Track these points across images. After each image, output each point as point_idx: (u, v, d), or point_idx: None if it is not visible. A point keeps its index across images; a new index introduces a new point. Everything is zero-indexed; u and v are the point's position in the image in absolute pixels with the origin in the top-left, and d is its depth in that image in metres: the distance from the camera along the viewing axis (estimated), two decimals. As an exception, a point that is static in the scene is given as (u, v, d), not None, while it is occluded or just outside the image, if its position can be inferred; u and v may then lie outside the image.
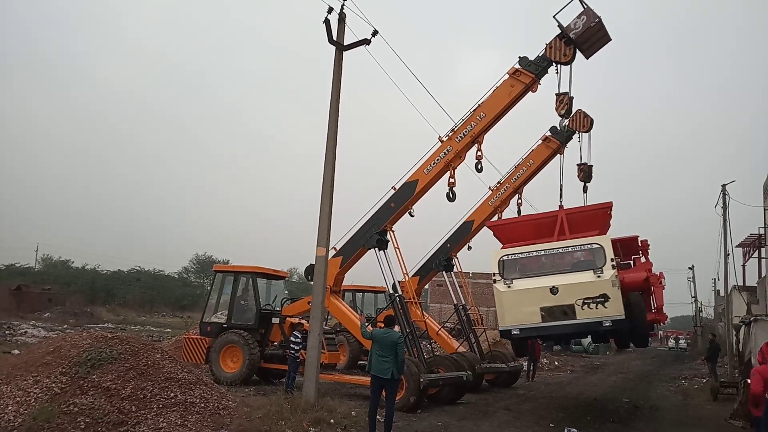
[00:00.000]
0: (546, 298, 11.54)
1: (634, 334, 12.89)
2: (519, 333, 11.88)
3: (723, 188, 25.80)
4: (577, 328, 11.63)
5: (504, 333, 12.20)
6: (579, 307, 11.29)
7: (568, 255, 12.01)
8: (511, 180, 19.06)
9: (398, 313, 14.45)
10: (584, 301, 11.25)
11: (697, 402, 17.83)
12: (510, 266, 12.12)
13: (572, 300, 11.34)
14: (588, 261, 11.68)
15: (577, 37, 13.35)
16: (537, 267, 12.16)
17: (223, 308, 17.42)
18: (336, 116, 12.65)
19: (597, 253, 11.58)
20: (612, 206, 13.09)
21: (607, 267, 11.32)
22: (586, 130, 17.19)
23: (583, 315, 11.27)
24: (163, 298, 64.34)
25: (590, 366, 32.47)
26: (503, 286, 11.93)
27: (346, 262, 15.14)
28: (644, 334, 13.34)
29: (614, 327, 11.29)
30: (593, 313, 11.22)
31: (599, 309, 11.18)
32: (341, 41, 12.55)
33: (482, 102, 14.31)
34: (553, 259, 12.14)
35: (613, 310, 11.17)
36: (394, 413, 10.03)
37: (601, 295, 11.20)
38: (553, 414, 13.83)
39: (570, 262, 12.01)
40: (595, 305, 11.20)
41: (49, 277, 60.55)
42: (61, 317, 39.33)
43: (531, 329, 11.80)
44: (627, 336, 12.98)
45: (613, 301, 11.16)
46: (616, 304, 11.18)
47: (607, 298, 11.15)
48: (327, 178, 12.54)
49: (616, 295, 11.21)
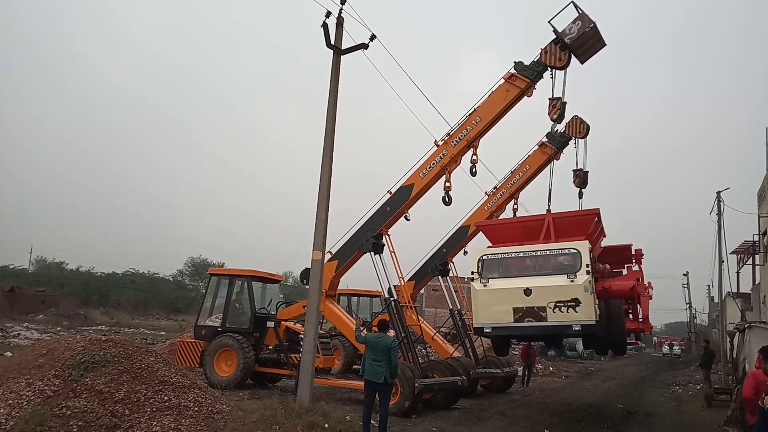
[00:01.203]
0: (519, 298, 11.67)
1: (612, 341, 12.98)
2: (491, 331, 12.11)
3: (718, 195, 25.93)
4: (546, 330, 11.72)
5: (477, 330, 12.42)
6: (551, 309, 11.41)
7: (545, 258, 12.11)
8: (507, 185, 19.10)
9: (393, 317, 14.43)
10: (556, 304, 11.36)
11: (691, 408, 17.87)
12: (489, 266, 12.27)
13: (544, 302, 11.46)
14: (564, 266, 11.79)
15: (572, 42, 13.42)
16: (515, 268, 12.29)
17: (218, 311, 17.35)
18: (333, 120, 12.66)
19: (574, 257, 11.69)
20: (599, 213, 13.16)
21: (581, 272, 11.40)
22: (582, 136, 17.27)
23: (553, 318, 11.39)
24: (158, 301, 64.08)
25: (585, 372, 32.51)
26: (479, 285, 12.13)
27: (341, 266, 15.12)
28: (621, 341, 13.45)
29: (584, 332, 11.40)
30: (564, 316, 11.33)
31: (569, 313, 11.29)
32: (339, 45, 12.58)
33: (478, 106, 14.36)
34: (531, 262, 12.27)
35: (584, 315, 11.24)
36: (388, 417, 10.03)
37: (572, 299, 11.28)
38: (548, 419, 13.83)
39: (547, 266, 12.11)
40: (566, 309, 11.30)
41: (42, 279, 60.24)
42: (54, 319, 39.10)
43: (502, 328, 11.97)
44: (605, 342, 13.07)
45: (585, 306, 11.23)
46: (587, 309, 11.25)
47: (579, 302, 11.23)
48: (323, 181, 12.55)
49: (588, 300, 11.27)
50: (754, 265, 32.56)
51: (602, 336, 12.21)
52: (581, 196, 17.94)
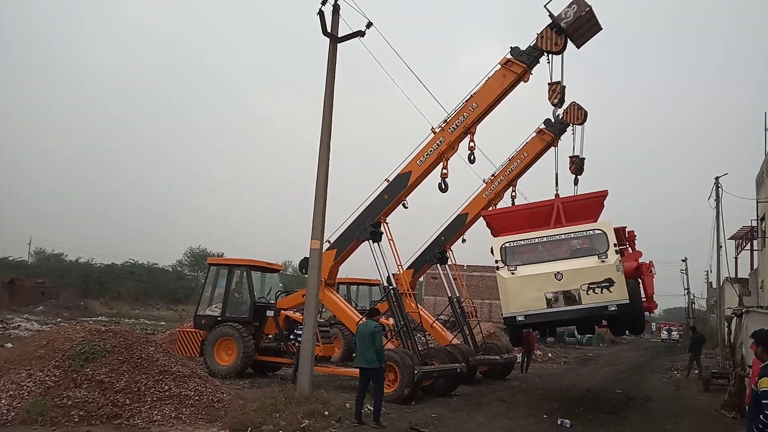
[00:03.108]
0: (551, 283, 11.52)
1: (632, 321, 12.98)
2: (524, 319, 11.80)
3: (716, 181, 25.88)
4: (582, 313, 11.62)
5: (508, 320, 12.08)
6: (584, 292, 11.31)
7: (569, 242, 12.07)
8: (505, 172, 19.08)
9: (392, 305, 14.48)
10: (589, 286, 11.28)
11: (689, 393, 17.99)
12: (512, 253, 12.12)
13: (577, 285, 11.37)
14: (591, 247, 11.73)
15: (568, 27, 13.35)
16: (540, 253, 12.20)
17: (218, 301, 17.40)
18: (330, 110, 12.62)
19: (599, 238, 11.65)
20: (607, 194, 13.16)
21: (611, 252, 11.39)
22: (581, 122, 17.23)
23: (588, 300, 11.30)
24: (158, 291, 64.17)
25: (583, 357, 32.68)
26: (507, 273, 11.84)
27: (340, 254, 15.13)
28: (641, 320, 13.44)
29: (619, 311, 11.32)
30: (598, 297, 11.25)
31: (604, 293, 11.22)
32: (335, 33, 12.51)
33: (474, 92, 14.30)
34: (556, 246, 12.18)
35: (618, 294, 11.22)
36: (382, 402, 10.34)
37: (605, 279, 11.24)
38: (546, 405, 13.92)
39: (570, 249, 12.07)
40: (600, 290, 11.24)
41: (42, 271, 60.24)
42: (54, 310, 39.17)
43: (536, 315, 11.72)
44: (624, 323, 13.05)
45: (618, 285, 11.22)
46: (621, 289, 11.23)
47: (612, 282, 11.20)
48: (321, 170, 12.53)
49: (621, 279, 11.27)
50: (752, 251, 32.63)
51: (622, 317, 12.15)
52: (577, 183, 17.93)
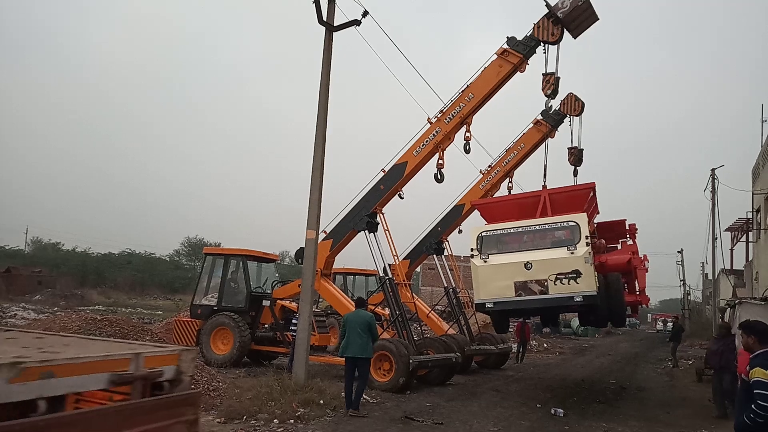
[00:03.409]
0: (520, 273, 11.69)
1: (611, 314, 13.12)
2: (493, 306, 12.07)
3: (712, 173, 25.99)
4: (548, 302, 11.77)
5: (479, 306, 12.39)
6: (552, 282, 11.45)
7: (544, 233, 12.17)
8: (502, 163, 19.08)
9: (388, 295, 14.53)
10: (557, 277, 11.42)
11: (682, 383, 18.11)
12: (488, 242, 12.29)
13: (545, 275, 11.51)
14: (563, 239, 11.86)
15: (565, 17, 13.30)
16: (514, 244, 12.32)
17: (214, 291, 17.43)
18: (326, 100, 12.59)
19: (573, 230, 11.75)
20: (594, 187, 13.19)
21: (581, 244, 11.48)
22: (577, 113, 17.22)
23: (555, 290, 11.44)
24: (154, 281, 64.25)
25: (578, 348, 32.85)
26: (480, 261, 12.09)
27: (336, 244, 15.16)
28: (621, 313, 13.57)
29: (585, 302, 11.47)
30: (565, 288, 11.39)
31: (571, 285, 11.35)
32: (331, 22, 12.45)
33: (471, 83, 14.27)
34: (530, 237, 12.30)
35: (585, 285, 11.32)
36: (363, 391, 10.69)
37: (573, 271, 11.34)
38: (541, 395, 14.02)
39: (546, 240, 12.18)
40: (567, 281, 11.36)
41: (39, 260, 60.24)
42: (51, 300, 39.21)
43: (504, 303, 11.97)
44: (604, 315, 13.20)
45: (585, 277, 11.32)
46: (588, 281, 11.34)
47: (579, 274, 11.30)
48: (317, 160, 12.51)
49: (589, 271, 11.37)
50: (747, 242, 32.73)
51: (602, 309, 12.32)
52: (576, 174, 17.95)
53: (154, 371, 2.99)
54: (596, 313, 12.76)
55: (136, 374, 2.90)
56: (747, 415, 4.90)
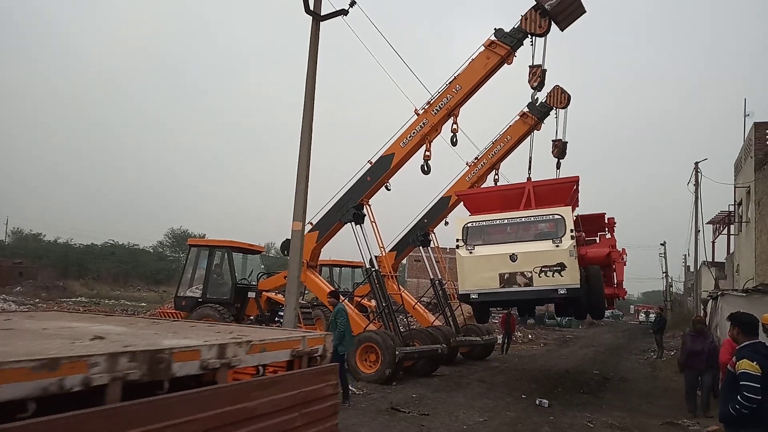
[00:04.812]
0: (505, 264, 11.78)
1: (591, 306, 13.25)
2: (477, 297, 12.12)
3: (696, 166, 26.24)
4: (533, 294, 11.91)
5: (463, 297, 12.44)
6: (536, 274, 11.55)
7: (529, 225, 12.25)
8: (488, 156, 19.09)
9: (374, 287, 14.51)
10: (542, 269, 11.51)
11: (664, 374, 18.35)
12: (474, 233, 12.34)
13: (530, 267, 11.59)
14: (548, 231, 11.94)
15: (552, 9, 13.32)
16: (499, 235, 12.40)
17: (199, 283, 17.28)
18: (312, 90, 12.46)
19: (558, 223, 11.84)
20: (578, 180, 13.27)
21: (566, 237, 11.57)
22: (563, 106, 17.30)
23: (539, 282, 11.53)
24: (138, 272, 63.65)
25: (563, 339, 33.17)
26: (465, 252, 12.15)
27: (322, 236, 15.09)
28: (601, 306, 13.72)
29: (569, 295, 11.59)
30: (549, 281, 11.48)
31: (555, 277, 11.45)
32: (318, 11, 12.33)
33: (458, 74, 14.23)
34: (515, 229, 12.38)
35: (569, 278, 11.43)
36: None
37: (558, 263, 11.45)
38: (526, 386, 14.12)
39: (531, 232, 12.27)
40: (552, 273, 11.47)
41: (19, 251, 59.34)
42: (32, 291, 38.69)
43: (489, 294, 12.05)
44: (584, 307, 13.34)
45: (570, 270, 11.42)
46: (572, 273, 11.45)
47: (564, 267, 11.41)
48: (303, 151, 12.41)
49: (573, 264, 11.47)
50: (729, 235, 33.14)
51: (582, 301, 12.44)
52: (559, 167, 18.05)
53: (314, 349, 4.18)
54: (576, 305, 12.89)
55: (304, 351, 4.09)
56: (732, 405, 4.95)
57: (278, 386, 3.63)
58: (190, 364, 3.07)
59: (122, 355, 2.69)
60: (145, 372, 2.77)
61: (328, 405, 4.11)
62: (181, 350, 3.05)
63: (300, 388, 3.82)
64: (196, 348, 3.17)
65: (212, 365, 3.22)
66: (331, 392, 4.17)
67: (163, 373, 2.88)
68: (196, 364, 3.12)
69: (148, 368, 2.79)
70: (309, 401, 3.87)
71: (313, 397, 3.94)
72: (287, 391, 3.68)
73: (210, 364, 3.20)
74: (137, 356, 2.76)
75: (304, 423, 3.77)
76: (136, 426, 2.58)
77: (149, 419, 2.65)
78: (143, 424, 2.61)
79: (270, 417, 3.45)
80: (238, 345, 3.45)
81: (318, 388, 4.00)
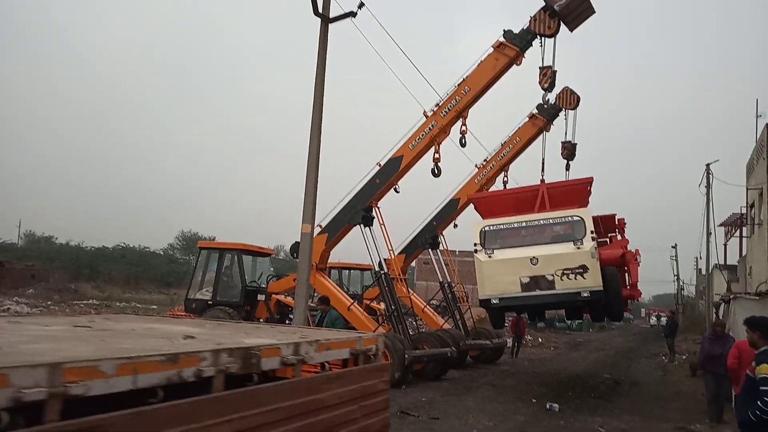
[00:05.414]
0: (526, 268, 11.62)
1: (610, 308, 13.09)
2: (498, 302, 11.94)
3: (707, 167, 25.99)
4: (555, 298, 11.77)
5: (483, 302, 12.23)
6: (558, 277, 11.41)
7: (548, 227, 12.10)
8: (497, 158, 19.04)
9: (384, 290, 14.49)
10: (563, 272, 11.38)
11: (676, 378, 18.18)
12: (491, 237, 12.18)
13: (551, 270, 11.45)
14: (568, 233, 11.79)
15: (561, 10, 13.28)
16: (518, 238, 12.24)
17: (209, 285, 17.33)
18: (321, 92, 12.49)
19: (577, 225, 11.69)
20: (592, 181, 13.18)
21: (587, 239, 11.44)
22: (573, 107, 17.23)
23: (561, 285, 11.39)
24: (149, 275, 63.91)
25: (573, 343, 32.94)
26: (484, 256, 11.96)
27: (331, 239, 15.10)
28: (619, 308, 13.58)
29: (592, 297, 11.44)
30: (572, 283, 11.34)
31: (578, 280, 11.31)
32: (326, 13, 12.36)
33: (467, 76, 14.21)
34: (534, 231, 12.23)
35: (591, 281, 11.30)
36: None
37: (580, 266, 11.32)
38: (536, 389, 14.03)
39: (550, 235, 12.12)
40: (574, 276, 11.32)
41: (32, 253, 59.82)
42: (45, 294, 39.02)
43: (510, 299, 11.88)
44: (602, 309, 13.18)
45: (592, 272, 11.29)
46: (595, 276, 11.31)
47: (586, 269, 11.27)
48: (312, 153, 12.44)
49: (595, 266, 11.34)
50: (741, 238, 32.82)
51: (601, 304, 12.26)
52: (568, 168, 17.98)
53: (368, 348, 4.52)
54: (595, 307, 12.70)
55: (360, 349, 4.43)
56: (753, 411, 4.85)
57: (341, 381, 4.01)
58: (273, 360, 3.50)
59: (223, 351, 3.10)
60: (241, 366, 3.19)
61: (381, 399, 4.47)
62: (266, 347, 3.48)
63: (359, 382, 4.18)
64: (277, 346, 3.60)
65: (290, 361, 3.63)
66: (383, 387, 4.52)
67: (255, 367, 3.32)
68: (278, 360, 3.53)
69: (242, 363, 3.20)
70: (366, 395, 4.22)
71: (369, 392, 4.28)
72: (348, 385, 4.03)
73: (288, 360, 3.61)
74: (234, 352, 3.16)
75: (362, 415, 4.12)
76: (237, 412, 2.98)
77: (247, 406, 3.06)
78: (242, 410, 3.02)
79: (335, 408, 3.81)
80: (309, 344, 3.85)
81: (373, 384, 4.37)
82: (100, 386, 2.41)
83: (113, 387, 2.47)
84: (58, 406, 2.25)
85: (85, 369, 2.38)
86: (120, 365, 2.52)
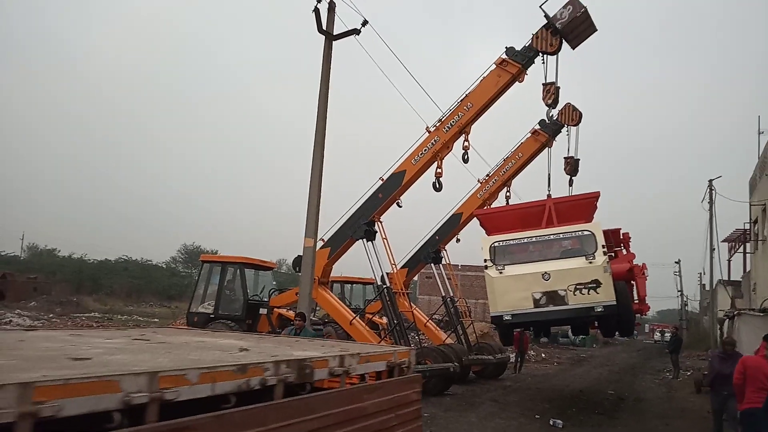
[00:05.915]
0: (538, 283, 11.52)
1: (621, 323, 12.99)
2: (511, 319, 11.78)
3: (710, 183, 26.00)
4: (568, 313, 11.64)
5: (495, 319, 12.07)
6: (570, 292, 11.31)
7: (559, 242, 12.04)
8: (500, 173, 19.09)
9: (386, 304, 14.46)
10: (576, 287, 11.28)
11: (681, 394, 18.03)
12: (501, 253, 12.09)
13: (564, 285, 11.36)
14: (579, 248, 11.73)
15: (564, 27, 13.38)
16: (528, 253, 12.17)
17: (211, 299, 17.34)
18: (325, 108, 12.61)
19: (588, 239, 11.64)
20: (599, 196, 13.18)
21: (599, 253, 11.39)
22: (575, 123, 17.28)
23: (574, 301, 11.30)
24: (151, 288, 63.85)
25: (576, 358, 32.73)
26: (495, 272, 11.83)
27: (334, 253, 15.11)
28: (630, 322, 13.48)
29: (605, 312, 11.32)
30: (585, 298, 11.25)
31: (591, 294, 11.22)
32: (330, 31, 12.50)
33: (469, 92, 14.31)
34: (545, 246, 12.15)
35: (605, 295, 11.22)
36: None
37: (592, 281, 11.24)
38: (539, 405, 13.93)
39: (560, 250, 12.06)
40: (587, 291, 11.23)
41: (34, 266, 59.88)
42: (47, 306, 38.94)
43: (522, 315, 11.72)
44: (614, 324, 13.07)
45: (605, 286, 11.22)
46: (608, 290, 11.23)
47: (599, 283, 11.20)
48: (315, 168, 12.51)
49: (608, 281, 11.27)
50: (744, 253, 32.72)
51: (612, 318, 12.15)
52: (571, 184, 17.99)
53: (402, 361, 4.80)
54: (606, 322, 12.58)
55: (395, 362, 4.71)
56: None
57: (380, 391, 4.32)
58: (323, 371, 3.79)
59: (282, 363, 3.41)
60: (296, 376, 3.49)
61: (414, 409, 4.78)
62: (317, 359, 3.78)
63: (395, 393, 4.48)
64: (326, 358, 3.88)
65: (337, 372, 3.91)
66: (416, 398, 4.83)
67: (308, 377, 3.63)
68: (326, 371, 3.82)
69: (298, 373, 3.51)
70: (401, 404, 4.52)
71: (404, 402, 4.58)
72: (386, 395, 4.33)
73: (335, 371, 3.89)
74: (291, 364, 3.47)
75: (398, 423, 4.41)
76: (294, 417, 3.29)
77: (302, 413, 3.37)
78: (299, 416, 3.33)
79: (375, 416, 4.10)
80: (352, 356, 4.13)
81: (407, 394, 4.66)
82: (186, 392, 2.75)
83: (196, 393, 2.80)
84: (157, 408, 2.57)
85: (175, 377, 2.72)
86: (201, 374, 2.85)
